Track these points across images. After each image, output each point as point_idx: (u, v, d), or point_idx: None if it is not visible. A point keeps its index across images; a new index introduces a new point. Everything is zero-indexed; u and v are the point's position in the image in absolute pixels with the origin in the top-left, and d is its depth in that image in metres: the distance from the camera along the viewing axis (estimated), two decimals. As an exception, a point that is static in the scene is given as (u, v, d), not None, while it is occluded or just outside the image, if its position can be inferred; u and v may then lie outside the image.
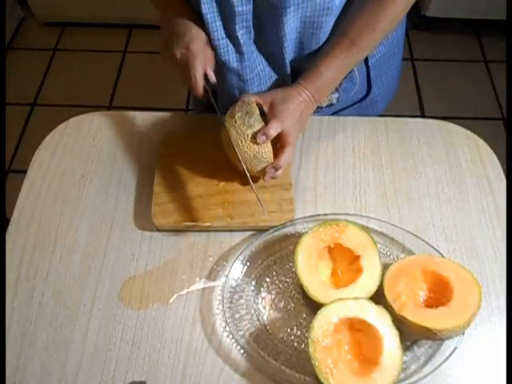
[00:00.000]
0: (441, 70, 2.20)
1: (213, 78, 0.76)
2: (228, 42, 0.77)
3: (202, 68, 0.74)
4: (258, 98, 0.76)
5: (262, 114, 0.75)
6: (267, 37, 0.78)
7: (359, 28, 0.75)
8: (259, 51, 0.82)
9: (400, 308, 0.63)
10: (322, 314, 0.64)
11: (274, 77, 0.86)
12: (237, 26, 0.75)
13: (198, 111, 1.15)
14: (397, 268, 0.68)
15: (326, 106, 0.93)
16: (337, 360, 0.62)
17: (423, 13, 2.23)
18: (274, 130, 0.72)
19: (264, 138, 0.72)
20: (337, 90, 0.90)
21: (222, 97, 0.90)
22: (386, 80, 0.98)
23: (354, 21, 0.76)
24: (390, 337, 0.62)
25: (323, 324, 0.63)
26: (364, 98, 0.98)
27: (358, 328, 0.65)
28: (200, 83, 0.74)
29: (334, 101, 0.93)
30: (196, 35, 0.76)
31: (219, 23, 0.75)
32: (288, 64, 0.82)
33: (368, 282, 0.68)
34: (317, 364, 0.61)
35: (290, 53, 0.81)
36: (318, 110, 0.98)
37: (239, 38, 0.76)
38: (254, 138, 0.73)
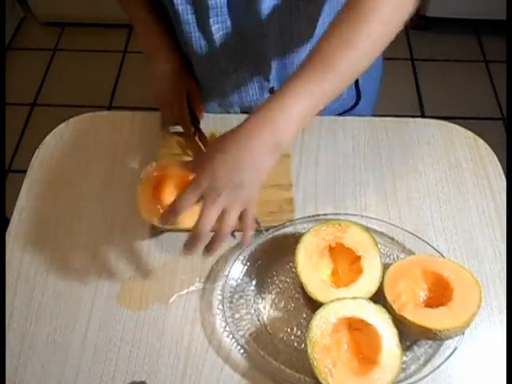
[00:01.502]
0: (441, 69, 2.20)
1: (201, 117, 0.86)
2: (201, 35, 0.76)
3: (186, 108, 0.84)
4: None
5: None
6: (244, 29, 0.76)
7: (334, 46, 0.58)
8: (237, 46, 0.79)
9: (400, 308, 0.63)
10: (320, 314, 0.64)
11: (254, 72, 0.85)
12: (210, 20, 0.72)
13: None
14: (397, 268, 0.68)
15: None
16: (336, 360, 0.62)
17: (423, 13, 2.23)
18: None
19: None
20: None
21: (203, 88, 0.91)
22: (371, 88, 0.98)
23: (327, 36, 0.59)
24: (389, 335, 0.62)
25: (321, 324, 0.63)
26: (353, 107, 0.97)
27: (356, 327, 0.65)
28: (187, 121, 0.84)
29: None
30: (177, 94, 0.84)
31: (191, 16, 0.73)
32: (269, 59, 0.81)
33: (368, 282, 0.68)
34: (316, 364, 0.61)
35: (270, 47, 0.78)
36: None
37: (213, 32, 0.74)
38: None
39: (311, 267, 0.69)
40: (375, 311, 0.64)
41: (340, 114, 0.97)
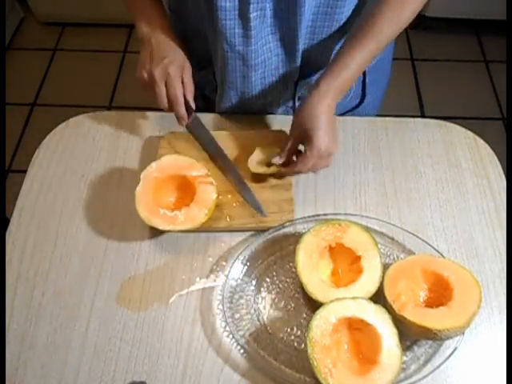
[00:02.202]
0: (441, 69, 2.20)
1: (193, 105, 0.80)
2: (236, 23, 0.75)
3: (181, 89, 0.78)
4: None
5: None
6: (281, 21, 0.76)
7: (383, 20, 0.73)
8: (270, 37, 0.79)
9: (400, 308, 0.63)
10: (320, 314, 0.64)
11: (281, 65, 0.84)
12: (251, 7, 0.72)
13: None
14: (397, 268, 0.68)
15: None
16: (336, 360, 0.62)
17: (423, 13, 2.23)
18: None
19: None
20: None
21: (221, 80, 0.88)
22: (378, 87, 0.98)
23: (377, 12, 0.74)
24: (388, 335, 0.63)
25: (321, 324, 0.63)
26: (358, 105, 0.97)
27: (356, 327, 0.65)
28: (181, 100, 0.78)
29: None
30: (176, 58, 0.79)
31: (231, 3, 0.72)
32: (299, 52, 0.81)
33: (368, 282, 0.68)
34: (315, 364, 0.61)
35: (302, 38, 0.79)
36: None
37: (251, 20, 0.74)
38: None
39: (311, 267, 0.69)
40: (375, 311, 0.64)
41: (346, 113, 0.97)
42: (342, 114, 0.96)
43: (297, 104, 0.93)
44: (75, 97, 2.09)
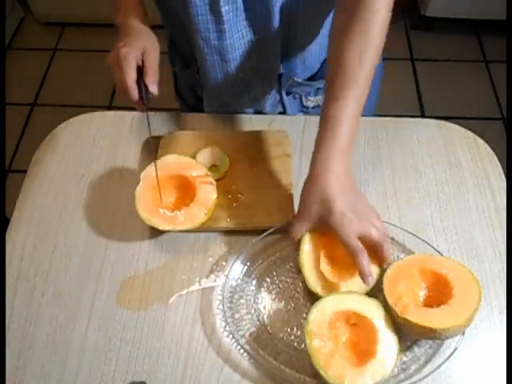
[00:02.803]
0: (441, 69, 2.20)
1: (154, 90, 0.73)
2: (209, 18, 0.74)
3: (135, 73, 0.71)
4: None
5: None
6: (254, 13, 0.76)
7: (349, 63, 0.67)
8: (245, 29, 0.78)
9: (402, 311, 0.63)
10: (316, 307, 0.65)
11: (261, 58, 0.84)
12: (221, 1, 0.72)
13: (183, 110, 1.12)
14: (395, 269, 0.68)
15: (313, 107, 0.93)
16: (333, 352, 0.63)
17: (423, 13, 2.23)
18: (295, 232, 0.69)
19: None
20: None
21: (204, 77, 0.88)
22: (373, 88, 0.98)
23: (341, 56, 0.68)
24: (385, 329, 0.63)
25: (318, 317, 0.64)
26: None
27: (353, 323, 0.66)
28: (131, 87, 0.71)
29: (321, 102, 0.93)
30: (130, 41, 0.74)
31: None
32: (278, 43, 0.80)
33: None
34: (314, 355, 0.61)
35: (277, 29, 0.78)
36: (305, 110, 0.97)
37: (223, 14, 0.73)
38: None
39: (314, 261, 0.70)
40: (370, 305, 0.65)
41: None
42: None
43: (284, 98, 0.92)
44: (75, 97, 2.10)
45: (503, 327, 0.70)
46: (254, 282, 0.73)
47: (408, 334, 0.66)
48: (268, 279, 0.73)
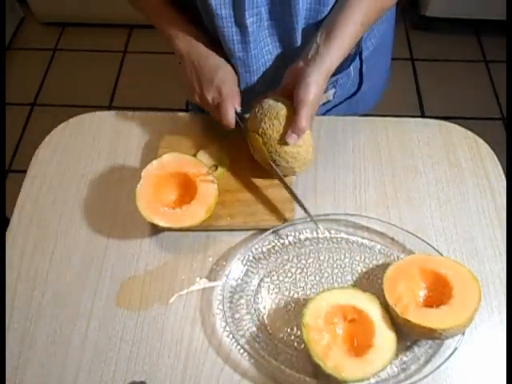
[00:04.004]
0: (441, 70, 2.20)
1: (239, 110, 0.78)
2: (235, 30, 0.75)
3: (233, 107, 0.77)
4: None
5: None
6: (277, 22, 0.76)
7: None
8: (268, 39, 0.80)
9: (403, 311, 0.63)
10: (312, 302, 0.66)
11: (281, 65, 0.83)
12: (246, 13, 0.72)
13: (195, 111, 1.14)
14: (395, 270, 0.68)
15: (323, 104, 0.93)
16: (331, 344, 0.63)
17: (423, 13, 2.23)
18: (305, 122, 0.70)
19: (295, 136, 0.70)
20: (334, 85, 0.90)
21: None
22: (376, 75, 0.98)
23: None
24: (381, 320, 0.64)
25: (314, 311, 0.65)
26: (355, 93, 0.97)
27: (351, 319, 0.66)
28: (232, 122, 0.77)
29: (331, 97, 0.93)
30: (225, 76, 0.78)
31: (227, 11, 0.73)
32: (299, 50, 0.80)
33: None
34: (311, 346, 0.62)
35: (300, 36, 0.78)
36: None
37: (248, 25, 0.74)
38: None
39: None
40: (365, 298, 0.66)
41: (344, 100, 0.97)
42: (341, 103, 0.96)
43: None
44: (75, 97, 2.10)
45: (503, 327, 0.70)
46: (254, 282, 0.73)
47: (408, 334, 0.66)
48: (268, 279, 0.73)
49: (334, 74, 0.88)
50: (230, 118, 0.77)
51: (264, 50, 0.81)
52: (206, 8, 0.74)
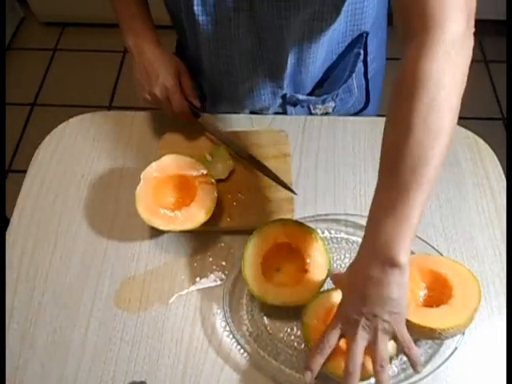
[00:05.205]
0: (441, 69, 2.20)
1: (197, 104, 0.83)
2: (219, 45, 0.78)
3: (183, 97, 0.81)
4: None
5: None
6: (265, 41, 0.77)
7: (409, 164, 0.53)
8: (255, 53, 0.80)
9: None
10: (312, 302, 0.67)
11: (267, 80, 0.85)
12: (232, 30, 0.74)
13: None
14: None
15: (321, 115, 0.93)
16: None
17: (423, 13, 2.23)
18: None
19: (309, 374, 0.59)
20: (333, 99, 0.90)
21: (213, 96, 0.92)
22: (377, 91, 0.98)
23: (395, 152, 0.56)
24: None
25: (314, 311, 0.66)
26: (361, 110, 0.97)
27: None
28: (186, 110, 0.82)
29: (330, 110, 0.93)
30: (168, 72, 0.80)
31: (212, 27, 0.74)
32: (286, 70, 0.81)
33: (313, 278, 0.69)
34: (311, 346, 0.63)
35: (288, 59, 0.78)
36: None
37: (235, 41, 0.76)
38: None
39: (256, 268, 0.69)
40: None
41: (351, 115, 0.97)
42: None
43: (288, 108, 0.93)
44: (75, 97, 2.09)
45: (503, 327, 0.70)
46: (254, 282, 0.73)
47: (409, 334, 0.66)
48: (268, 279, 0.73)
49: (332, 90, 0.89)
50: (183, 106, 0.80)
51: (250, 65, 0.82)
52: (193, 23, 0.75)
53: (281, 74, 0.82)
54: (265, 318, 0.70)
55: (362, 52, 0.83)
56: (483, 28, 2.37)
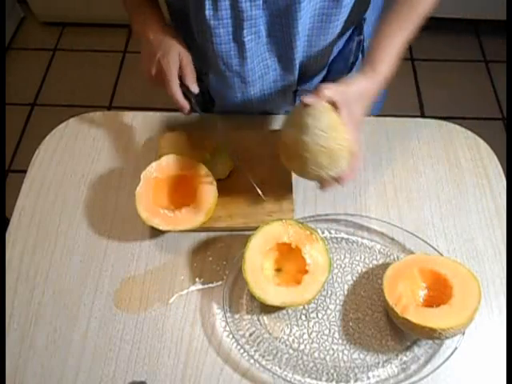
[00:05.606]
0: (441, 70, 2.20)
1: (195, 89, 0.77)
2: (232, 46, 0.76)
3: (177, 84, 0.75)
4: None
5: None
6: (276, 39, 0.77)
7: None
8: (266, 54, 0.80)
9: (402, 311, 0.63)
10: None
11: (279, 78, 0.85)
12: (244, 31, 0.73)
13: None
14: (394, 270, 0.68)
15: None
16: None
17: (423, 13, 2.23)
18: (328, 91, 0.66)
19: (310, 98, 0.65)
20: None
21: (223, 99, 0.90)
22: (380, 96, 0.98)
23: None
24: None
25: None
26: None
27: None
28: (178, 96, 0.75)
29: None
30: (166, 50, 0.76)
31: (223, 30, 0.73)
32: (297, 65, 0.81)
33: (312, 282, 0.68)
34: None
35: (299, 52, 0.79)
36: None
37: (245, 43, 0.75)
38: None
39: (256, 268, 0.69)
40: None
41: None
42: None
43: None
44: (75, 97, 2.09)
45: (503, 327, 0.70)
46: (254, 282, 0.73)
47: (408, 334, 0.66)
48: (268, 279, 0.73)
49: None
50: (174, 91, 0.75)
51: (262, 64, 0.81)
52: (203, 26, 0.74)
53: (291, 69, 0.82)
54: (265, 318, 0.70)
55: (361, 38, 0.84)
56: (483, 28, 2.39)
